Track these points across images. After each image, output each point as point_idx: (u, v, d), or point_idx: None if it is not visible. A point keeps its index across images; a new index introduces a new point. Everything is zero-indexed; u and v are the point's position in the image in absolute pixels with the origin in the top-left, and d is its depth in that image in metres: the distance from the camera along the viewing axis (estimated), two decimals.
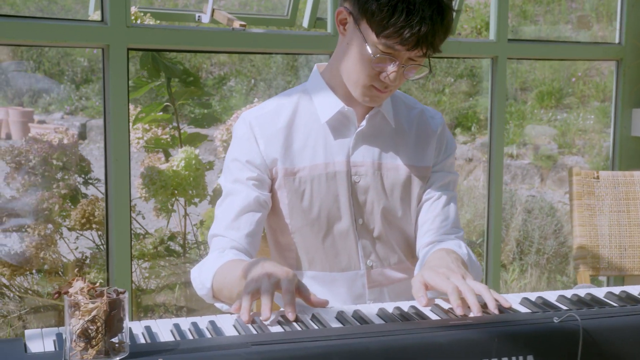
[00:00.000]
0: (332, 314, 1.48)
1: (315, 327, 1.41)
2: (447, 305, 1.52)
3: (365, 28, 1.65)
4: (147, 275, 3.13)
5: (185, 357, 1.20)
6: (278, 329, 1.39)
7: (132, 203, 2.65)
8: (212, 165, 3.17)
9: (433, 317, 1.47)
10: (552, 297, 1.59)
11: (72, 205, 3.00)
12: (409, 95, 1.94)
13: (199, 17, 2.76)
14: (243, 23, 2.63)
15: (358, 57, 1.69)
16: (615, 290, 1.63)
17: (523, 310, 1.50)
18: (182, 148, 3.01)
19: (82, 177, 3.09)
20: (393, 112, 1.86)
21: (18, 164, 2.96)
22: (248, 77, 6.10)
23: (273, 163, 1.79)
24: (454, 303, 1.46)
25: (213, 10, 2.70)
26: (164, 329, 1.40)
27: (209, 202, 3.15)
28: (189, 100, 3.14)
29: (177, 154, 3.03)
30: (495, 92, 3.22)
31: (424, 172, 1.86)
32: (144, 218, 3.19)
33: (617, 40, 3.55)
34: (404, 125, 1.87)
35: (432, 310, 1.50)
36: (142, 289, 3.15)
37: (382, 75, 1.68)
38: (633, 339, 1.37)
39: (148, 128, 3.13)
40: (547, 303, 1.54)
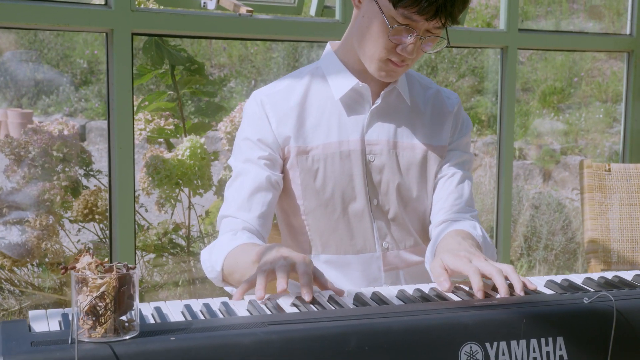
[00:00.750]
0: (349, 296, 1.42)
1: (333, 308, 1.34)
2: (467, 289, 1.46)
3: None
4: (150, 269, 3.05)
5: (198, 336, 1.14)
6: (294, 311, 1.32)
7: (135, 194, 2.59)
8: (217, 156, 3.11)
9: (455, 299, 1.40)
10: (578, 279, 1.53)
11: (73, 198, 2.94)
12: (424, 76, 1.89)
13: (204, 3, 2.69)
14: (250, 9, 2.56)
15: (374, 29, 1.63)
16: None
17: (549, 293, 1.44)
18: (187, 137, 2.94)
19: (83, 169, 3.03)
20: (409, 90, 1.80)
21: (18, 156, 2.90)
22: (248, 78, 6.05)
23: (285, 141, 1.73)
24: (476, 286, 1.39)
25: None
26: (175, 311, 1.33)
27: (214, 192, 3.08)
28: (193, 89, 3.07)
29: (182, 143, 2.97)
30: (505, 83, 3.16)
31: (441, 151, 1.80)
32: (147, 211, 3.12)
33: (627, 32, 3.50)
34: (420, 104, 1.81)
35: (454, 293, 1.44)
36: (145, 283, 3.08)
37: (399, 48, 1.63)
38: None
39: (150, 119, 3.06)
40: (573, 285, 1.48)
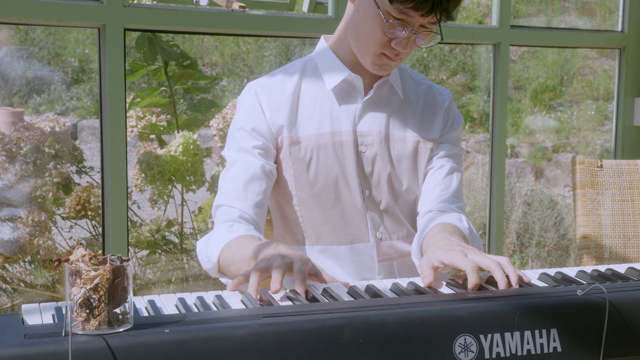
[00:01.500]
0: (343, 289, 1.42)
1: (327, 301, 1.34)
2: (460, 282, 1.46)
3: None
4: (143, 265, 3.04)
5: (193, 328, 1.13)
6: (288, 304, 1.32)
7: (128, 190, 2.58)
8: (209, 152, 3.10)
9: (449, 292, 1.40)
10: (571, 272, 1.53)
11: (65, 195, 2.92)
12: (417, 72, 1.89)
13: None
14: (243, 5, 2.56)
15: (370, 23, 1.64)
16: (637, 266, 1.58)
17: (542, 285, 1.44)
18: (179, 133, 2.94)
19: (75, 165, 3.01)
20: (401, 83, 1.81)
21: (9, 153, 2.88)
22: (240, 76, 6.04)
23: (279, 131, 1.74)
24: (472, 284, 1.39)
25: None
26: (169, 304, 1.33)
27: (207, 189, 3.08)
28: (187, 85, 3.06)
29: (174, 139, 2.96)
30: (498, 79, 3.16)
31: (432, 144, 1.81)
32: (140, 207, 3.11)
33: (619, 29, 3.51)
34: (412, 98, 1.83)
35: (447, 286, 1.44)
36: (138, 279, 3.07)
37: (393, 42, 1.64)
38: None
39: (142, 115, 3.05)
40: (567, 278, 1.48)
